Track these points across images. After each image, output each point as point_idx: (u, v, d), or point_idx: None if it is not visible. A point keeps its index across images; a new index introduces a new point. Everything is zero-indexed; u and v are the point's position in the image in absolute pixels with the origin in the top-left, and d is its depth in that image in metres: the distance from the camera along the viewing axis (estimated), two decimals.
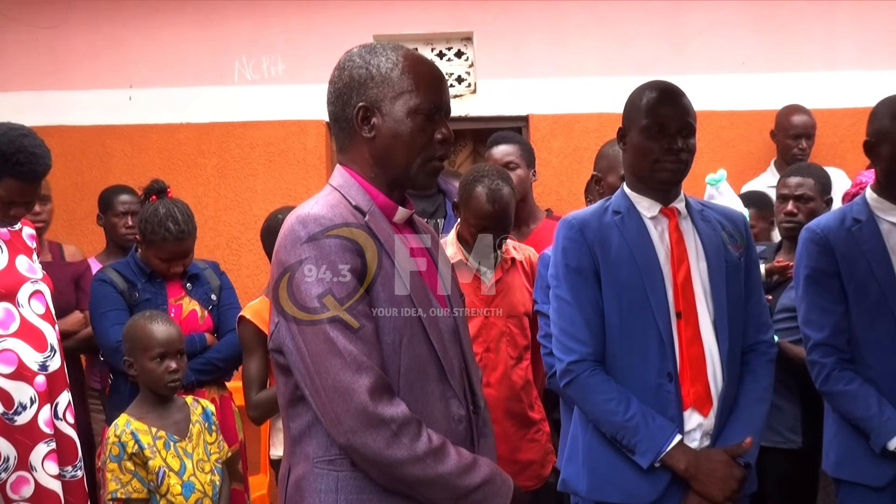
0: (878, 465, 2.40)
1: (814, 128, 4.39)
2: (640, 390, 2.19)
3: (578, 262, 2.23)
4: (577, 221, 2.28)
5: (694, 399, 2.19)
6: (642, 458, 2.15)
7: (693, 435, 2.20)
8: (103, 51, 4.80)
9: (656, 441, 2.14)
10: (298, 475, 1.72)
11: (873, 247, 2.45)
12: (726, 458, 2.17)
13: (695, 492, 2.15)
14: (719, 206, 2.48)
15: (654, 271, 2.21)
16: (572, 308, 2.23)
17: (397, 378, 1.69)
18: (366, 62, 1.75)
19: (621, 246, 2.23)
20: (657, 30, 4.79)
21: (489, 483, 1.71)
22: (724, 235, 2.31)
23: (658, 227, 2.27)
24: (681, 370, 2.19)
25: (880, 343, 2.43)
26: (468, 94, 4.87)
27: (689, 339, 2.20)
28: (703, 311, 2.23)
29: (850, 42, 4.78)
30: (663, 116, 2.22)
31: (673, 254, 2.24)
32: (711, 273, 2.25)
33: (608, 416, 2.18)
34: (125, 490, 2.54)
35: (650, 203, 2.28)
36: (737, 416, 2.24)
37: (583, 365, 2.21)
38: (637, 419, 2.15)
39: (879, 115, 2.48)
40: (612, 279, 2.22)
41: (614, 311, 2.22)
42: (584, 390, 2.21)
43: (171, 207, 3.11)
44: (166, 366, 2.65)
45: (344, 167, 1.80)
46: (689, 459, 2.14)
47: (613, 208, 2.29)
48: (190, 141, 4.80)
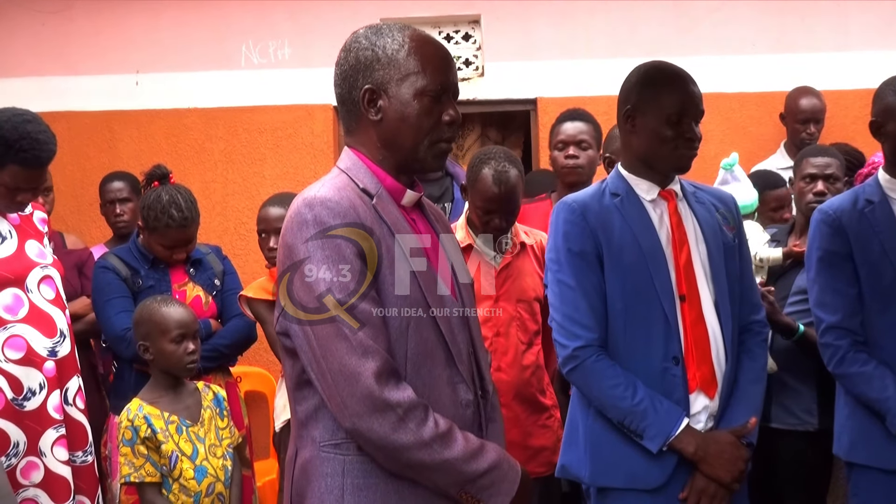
0: (892, 448, 2.39)
1: (822, 112, 4.34)
2: (645, 374, 2.17)
3: (581, 245, 2.21)
4: (577, 205, 2.25)
5: (700, 381, 2.19)
6: (651, 442, 2.14)
7: (699, 417, 2.19)
8: (109, 36, 4.79)
9: (665, 426, 2.13)
10: (305, 459, 1.72)
11: (886, 228, 2.44)
12: (733, 440, 2.17)
13: (703, 474, 2.14)
14: (710, 188, 2.47)
15: (658, 255, 2.20)
16: (576, 293, 2.21)
17: (404, 362, 1.68)
18: (372, 44, 1.73)
19: (623, 229, 2.21)
20: (666, 11, 4.75)
21: (496, 468, 1.71)
22: (718, 217, 2.31)
23: (657, 210, 2.25)
24: (686, 353, 2.18)
25: (892, 326, 2.42)
26: (476, 77, 4.84)
27: (693, 322, 2.19)
28: (704, 293, 2.22)
29: (861, 23, 4.73)
30: (684, 104, 2.20)
31: (674, 237, 2.23)
32: (711, 255, 2.24)
33: (615, 402, 2.16)
34: (138, 474, 2.54)
35: (649, 186, 2.26)
36: (738, 397, 2.24)
37: (588, 350, 2.19)
38: (645, 404, 2.13)
39: (883, 95, 2.47)
40: (615, 263, 2.20)
41: (618, 295, 2.20)
42: (590, 376, 2.20)
43: (175, 194, 3.09)
44: (185, 347, 2.66)
45: (351, 149, 1.79)
46: (698, 443, 2.13)
47: (611, 190, 2.27)
48: (197, 126, 4.79)
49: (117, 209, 3.87)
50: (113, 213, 3.88)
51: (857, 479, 2.50)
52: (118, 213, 3.86)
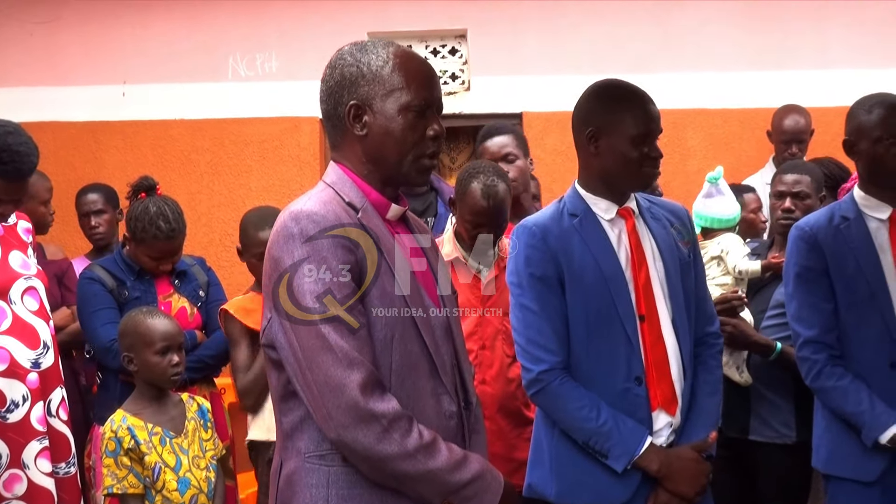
0: (869, 460, 2.43)
1: (806, 132, 4.35)
2: (608, 394, 2.19)
3: (543, 270, 2.22)
4: (538, 228, 2.26)
5: (661, 400, 2.22)
6: (616, 462, 2.16)
7: (661, 433, 2.23)
8: (97, 46, 4.80)
9: (629, 445, 2.16)
10: (290, 470, 1.73)
11: (861, 244, 2.48)
12: (695, 456, 2.21)
13: (666, 490, 2.18)
14: (664, 202, 2.48)
15: (618, 276, 2.22)
16: (539, 317, 2.22)
17: (389, 374, 1.70)
18: (357, 60, 1.76)
19: (584, 252, 2.22)
20: (651, 28, 4.80)
21: (479, 479, 1.72)
22: (674, 232, 2.33)
23: (615, 230, 2.27)
24: (647, 372, 2.21)
25: (868, 339, 2.46)
26: (462, 91, 4.87)
27: (652, 342, 2.22)
28: (663, 312, 2.25)
29: (843, 41, 4.80)
30: (648, 125, 2.22)
31: (633, 257, 2.25)
32: (668, 273, 2.27)
33: (580, 424, 2.18)
34: (121, 486, 2.53)
35: (608, 205, 2.27)
36: (696, 412, 2.27)
37: (552, 374, 2.21)
38: (609, 425, 2.16)
39: (856, 114, 2.52)
40: (576, 286, 2.21)
41: (580, 317, 2.21)
42: (555, 399, 2.21)
43: (161, 205, 3.09)
44: (169, 359, 2.66)
45: (337, 164, 1.81)
46: (661, 460, 2.17)
47: (570, 210, 2.28)
48: (183, 137, 4.80)
49: (92, 221, 3.86)
50: (88, 225, 3.87)
51: (835, 490, 2.53)
52: (93, 226, 3.85)
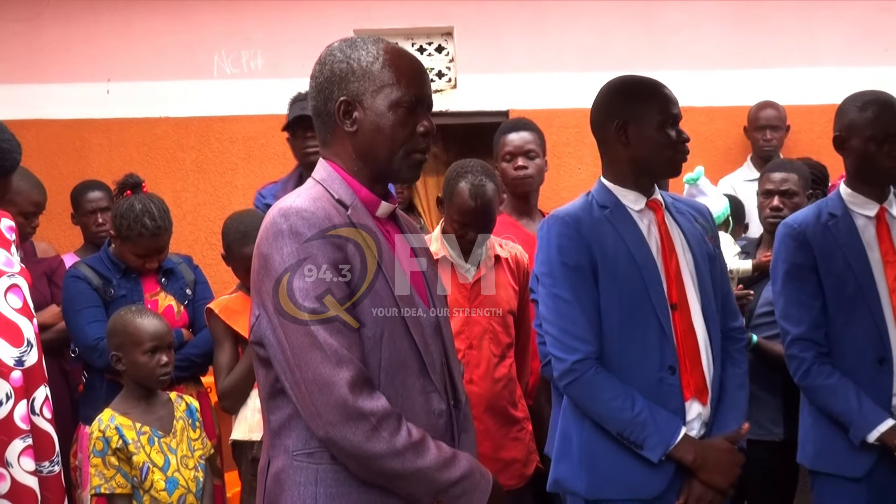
0: (855, 457, 2.44)
1: (780, 120, 4.51)
2: (642, 385, 2.19)
3: (577, 259, 2.21)
4: (570, 218, 2.26)
5: (694, 389, 2.21)
6: (651, 452, 2.15)
7: (693, 424, 2.22)
8: (80, 44, 4.76)
9: (664, 436, 2.15)
10: (278, 468, 1.72)
11: (849, 241, 2.49)
12: (729, 447, 2.20)
13: (700, 481, 2.16)
14: (686, 199, 2.51)
15: (651, 265, 2.22)
16: (573, 307, 2.21)
17: (378, 372, 1.69)
18: (346, 56, 1.75)
19: (616, 241, 2.23)
20: (636, 26, 4.81)
21: (468, 477, 1.72)
22: (699, 227, 2.35)
23: (645, 220, 2.28)
24: (680, 362, 2.20)
25: (856, 336, 2.47)
26: (448, 89, 4.87)
27: (684, 331, 2.21)
28: (693, 302, 2.25)
29: (828, 39, 4.82)
30: (674, 109, 2.25)
31: (664, 247, 2.25)
32: (697, 264, 2.28)
33: (615, 414, 2.17)
34: (109, 485, 2.52)
35: (636, 196, 2.28)
36: (726, 403, 2.27)
37: (586, 364, 2.19)
38: (644, 415, 2.14)
39: (847, 110, 2.52)
40: (610, 275, 2.21)
41: (614, 307, 2.21)
42: (589, 389, 2.19)
43: (147, 203, 3.08)
44: (158, 359, 2.64)
45: (327, 161, 1.80)
46: (696, 451, 2.16)
47: (599, 203, 2.29)
48: (169, 135, 4.77)
49: (99, 219, 3.83)
50: (95, 222, 3.84)
51: (821, 487, 2.54)
52: (100, 223, 3.82)
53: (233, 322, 2.85)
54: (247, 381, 2.78)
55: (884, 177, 2.51)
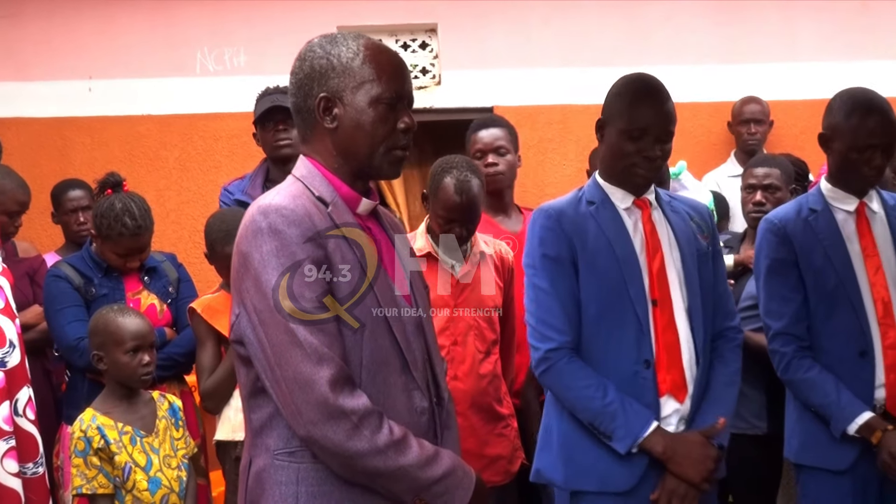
0: (839, 450, 2.45)
1: (765, 114, 4.55)
2: (617, 378, 2.20)
3: (557, 251, 2.24)
4: (554, 211, 2.28)
5: (670, 386, 2.22)
6: (620, 443, 2.16)
7: (669, 420, 2.22)
8: (61, 41, 4.72)
9: (633, 427, 2.16)
10: (259, 467, 1.71)
11: (829, 236, 2.51)
12: (702, 440, 2.20)
13: (672, 474, 2.17)
14: (685, 198, 2.52)
15: (632, 261, 2.24)
16: (550, 297, 2.24)
17: (359, 370, 1.68)
18: (326, 52, 1.74)
19: (598, 236, 2.25)
20: (619, 22, 4.82)
21: (450, 475, 1.72)
22: (693, 225, 2.35)
23: (632, 218, 2.29)
24: (657, 357, 2.21)
25: (837, 330, 2.48)
26: (433, 85, 4.86)
27: (664, 327, 2.22)
28: (677, 299, 2.26)
29: (809, 34, 4.85)
30: (644, 123, 2.21)
31: (648, 244, 2.27)
32: (685, 261, 2.28)
33: (586, 403, 2.19)
34: (90, 486, 2.51)
35: (623, 195, 2.30)
36: (709, 400, 2.27)
37: (560, 353, 2.22)
38: (615, 405, 2.16)
39: (834, 111, 2.52)
40: (590, 269, 2.23)
41: (592, 299, 2.23)
42: (561, 377, 2.22)
43: (128, 202, 3.06)
44: (140, 359, 2.63)
45: (307, 158, 1.79)
46: (666, 442, 2.16)
47: (587, 198, 2.31)
48: (151, 133, 4.74)
49: (80, 217, 3.81)
50: (76, 221, 3.82)
51: (806, 480, 2.55)
52: (82, 222, 3.80)
53: (215, 321, 2.84)
54: (230, 380, 2.77)
55: (863, 182, 2.52)
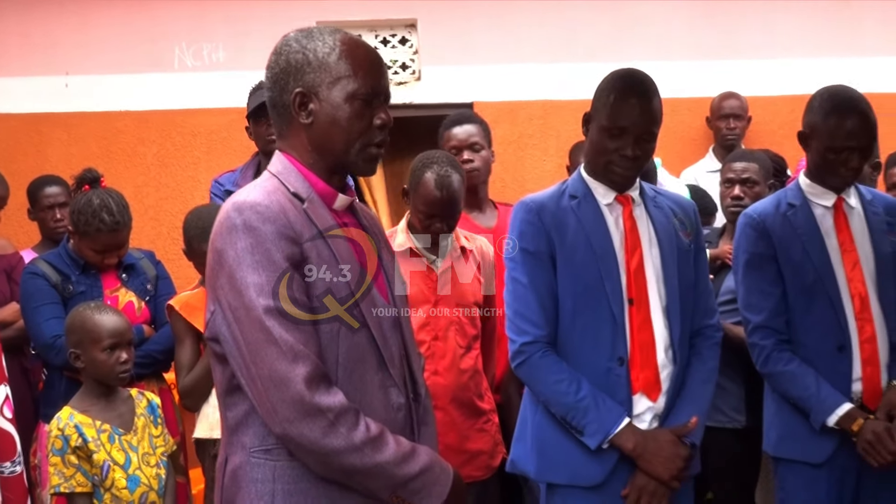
0: (818, 443, 2.46)
1: (743, 109, 4.57)
2: (591, 374, 2.21)
3: (535, 245, 2.25)
4: (534, 205, 2.29)
5: (643, 384, 2.22)
6: (591, 438, 2.17)
7: (643, 417, 2.23)
8: (37, 36, 4.68)
9: (605, 423, 2.17)
10: (235, 465, 1.70)
11: (808, 230, 2.52)
12: (672, 438, 2.20)
13: (641, 471, 2.18)
14: (670, 194, 2.52)
15: (610, 258, 2.24)
16: (527, 290, 2.25)
17: (335, 367, 1.68)
18: (302, 47, 1.73)
19: (578, 231, 2.25)
20: (601, 17, 4.83)
21: (428, 472, 1.71)
22: (676, 222, 2.35)
23: (613, 214, 2.29)
24: (631, 355, 2.22)
25: (815, 325, 2.49)
26: (413, 81, 4.85)
27: (639, 325, 2.23)
28: (654, 298, 2.26)
29: (788, 30, 4.87)
30: (625, 122, 2.20)
31: (627, 241, 2.27)
32: (664, 259, 2.28)
33: (559, 397, 2.20)
34: (68, 484, 2.49)
35: (606, 190, 2.30)
36: (683, 398, 2.28)
37: (535, 346, 2.23)
38: (588, 401, 2.17)
39: (814, 110, 2.52)
40: (567, 263, 2.24)
41: (569, 294, 2.24)
42: (535, 371, 2.23)
43: (105, 198, 3.03)
44: (117, 357, 2.61)
45: (283, 153, 1.78)
46: (637, 439, 2.17)
47: (570, 192, 2.31)
48: (129, 129, 4.71)
49: (57, 214, 3.78)
50: (52, 218, 3.79)
51: (784, 472, 2.57)
52: (58, 219, 3.77)
53: (193, 318, 2.82)
54: (208, 378, 2.75)
55: (839, 182, 2.53)
